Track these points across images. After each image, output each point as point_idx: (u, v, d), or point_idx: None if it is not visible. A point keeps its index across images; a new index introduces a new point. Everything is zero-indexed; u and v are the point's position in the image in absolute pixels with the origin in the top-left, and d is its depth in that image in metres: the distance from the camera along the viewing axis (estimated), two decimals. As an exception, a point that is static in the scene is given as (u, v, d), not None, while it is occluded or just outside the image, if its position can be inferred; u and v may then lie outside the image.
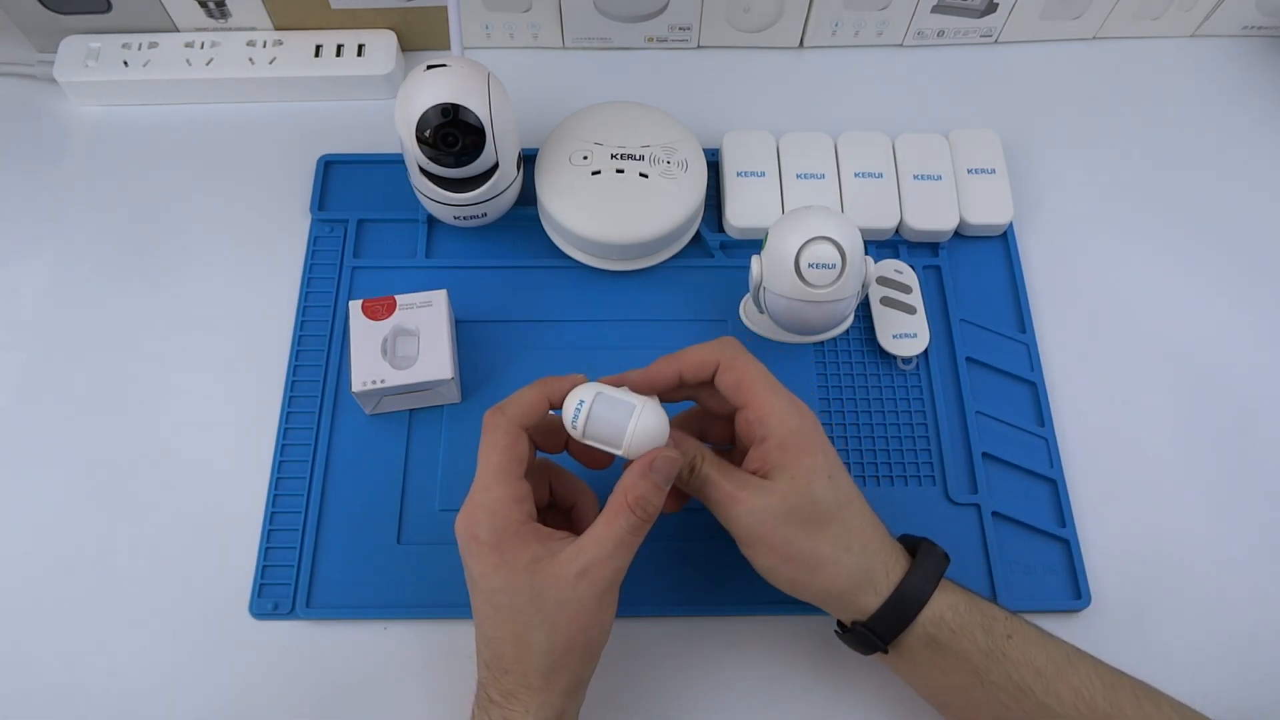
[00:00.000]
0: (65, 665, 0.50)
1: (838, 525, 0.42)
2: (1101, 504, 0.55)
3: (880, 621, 0.43)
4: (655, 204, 0.57)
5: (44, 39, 0.65)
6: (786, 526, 0.42)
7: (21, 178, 0.64)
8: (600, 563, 0.40)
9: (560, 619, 0.40)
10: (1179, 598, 0.53)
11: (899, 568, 0.43)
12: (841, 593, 0.43)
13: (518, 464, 0.42)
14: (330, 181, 0.63)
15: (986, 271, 0.61)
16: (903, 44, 0.70)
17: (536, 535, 0.41)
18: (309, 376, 0.57)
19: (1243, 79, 0.69)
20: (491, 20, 0.67)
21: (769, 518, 0.42)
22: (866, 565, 0.43)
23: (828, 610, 0.45)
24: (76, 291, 0.60)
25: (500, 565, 0.41)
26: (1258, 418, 0.58)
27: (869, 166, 0.61)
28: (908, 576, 0.43)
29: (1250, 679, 0.51)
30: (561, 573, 0.40)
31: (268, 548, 0.53)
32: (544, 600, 0.40)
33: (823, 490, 0.42)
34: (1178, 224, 0.64)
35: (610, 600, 0.41)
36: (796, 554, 0.42)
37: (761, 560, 0.43)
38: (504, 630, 0.41)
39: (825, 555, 0.42)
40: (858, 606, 0.43)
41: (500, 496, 0.41)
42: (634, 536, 0.41)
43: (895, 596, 0.42)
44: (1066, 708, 0.41)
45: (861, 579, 0.43)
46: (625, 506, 0.41)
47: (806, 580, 0.43)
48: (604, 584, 0.40)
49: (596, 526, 0.41)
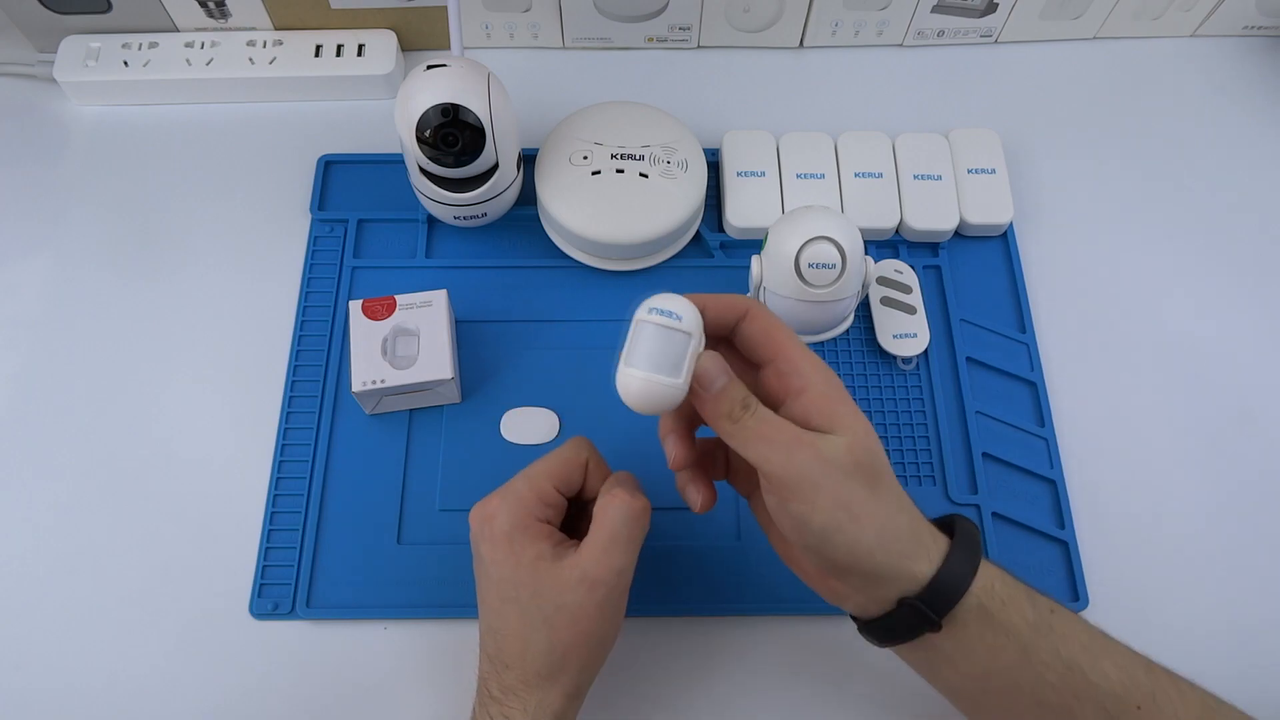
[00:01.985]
0: (65, 665, 0.51)
1: (889, 483, 0.39)
2: (1101, 505, 0.55)
3: (936, 591, 0.38)
4: (655, 204, 0.57)
5: (44, 39, 0.65)
6: (853, 480, 0.38)
7: (21, 178, 0.64)
8: (598, 564, 0.40)
9: (559, 622, 0.40)
10: (1177, 598, 0.53)
11: (941, 537, 0.40)
12: (899, 555, 0.38)
13: (562, 480, 0.43)
14: (330, 181, 0.63)
15: (986, 271, 0.61)
16: (903, 44, 0.70)
17: (548, 535, 0.42)
18: (309, 376, 0.57)
19: (1243, 79, 0.69)
20: (491, 20, 0.67)
21: (836, 469, 0.37)
22: (917, 529, 0.39)
23: (864, 590, 0.40)
24: (76, 291, 0.60)
25: (509, 555, 0.41)
26: (1258, 418, 0.58)
27: (869, 166, 0.61)
28: (955, 543, 0.40)
29: (1250, 679, 0.51)
30: (562, 575, 0.40)
31: (268, 548, 0.53)
32: (544, 600, 0.40)
33: (877, 445, 0.39)
34: (1178, 224, 0.64)
35: (612, 608, 0.41)
36: (862, 512, 0.37)
37: (823, 518, 0.37)
38: (508, 624, 0.41)
39: (885, 513, 0.38)
40: (911, 574, 0.39)
41: (527, 494, 0.42)
42: (629, 529, 0.41)
43: (949, 561, 0.39)
44: (1113, 685, 0.39)
45: (915, 543, 0.39)
46: (616, 506, 0.41)
47: (869, 542, 0.38)
48: (604, 589, 0.40)
49: (590, 531, 0.41)
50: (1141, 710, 0.39)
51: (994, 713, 0.42)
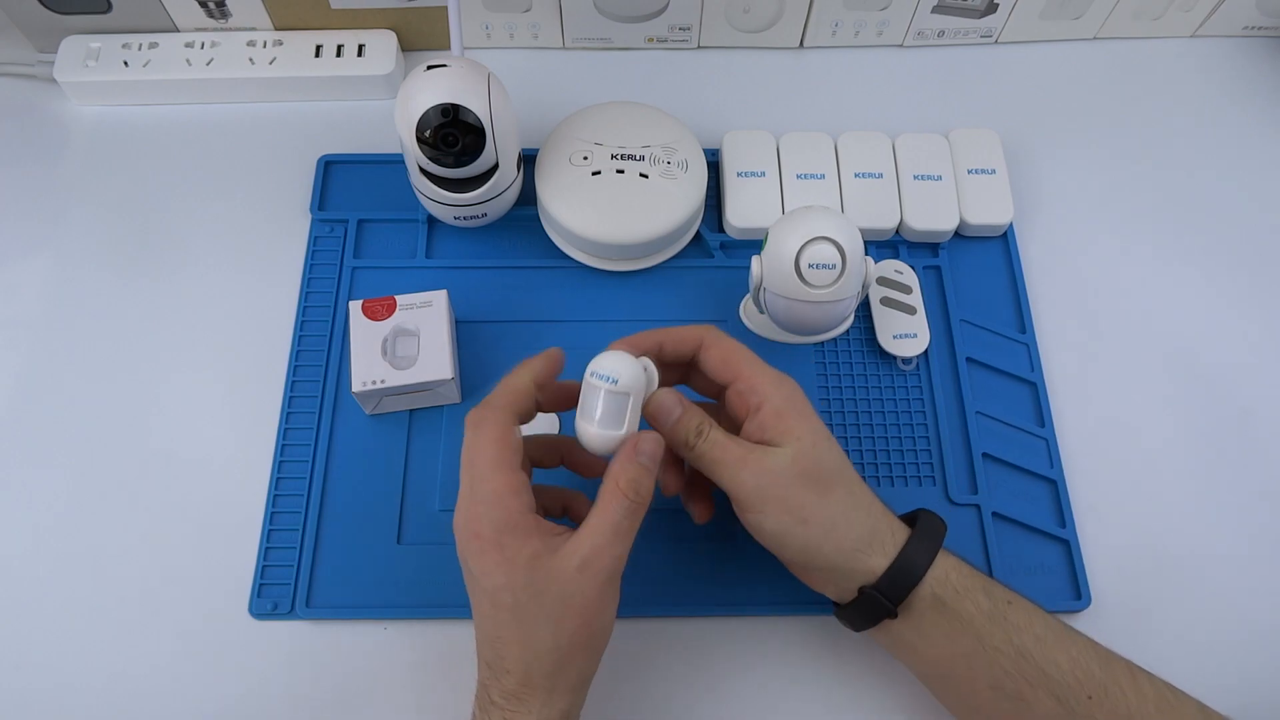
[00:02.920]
0: (64, 664, 0.50)
1: (842, 487, 0.43)
2: (1101, 504, 0.55)
3: (890, 581, 0.43)
4: (655, 204, 0.57)
5: (44, 39, 0.65)
6: (799, 488, 0.42)
7: (21, 178, 0.63)
8: (599, 552, 0.40)
9: (564, 615, 0.40)
10: (1179, 598, 0.53)
11: (902, 530, 0.44)
12: (852, 552, 0.43)
13: (513, 454, 0.42)
14: (330, 181, 0.63)
15: (986, 272, 0.61)
16: (903, 44, 0.70)
17: (538, 529, 0.41)
18: (309, 377, 0.57)
19: (1243, 79, 0.69)
20: (491, 20, 0.67)
21: (782, 479, 0.42)
22: (872, 526, 0.43)
23: (831, 582, 0.45)
24: (76, 291, 0.60)
25: (501, 562, 0.40)
26: (1258, 418, 0.58)
27: (869, 166, 0.61)
28: (912, 537, 0.43)
29: (1250, 678, 0.51)
30: (562, 567, 0.40)
31: (268, 547, 0.53)
32: (546, 596, 0.40)
33: (826, 452, 0.43)
34: (1178, 224, 0.64)
35: (612, 592, 0.41)
36: (810, 516, 0.42)
37: (772, 524, 0.42)
38: (506, 629, 0.41)
39: (836, 516, 0.42)
40: (866, 568, 0.43)
41: (499, 488, 0.41)
42: (630, 521, 0.41)
43: (903, 555, 0.43)
44: (1064, 675, 0.42)
45: (870, 539, 0.43)
46: (618, 492, 0.40)
47: (819, 542, 0.42)
48: (605, 575, 0.40)
49: (592, 517, 0.41)
50: (1093, 700, 0.41)
51: (956, 694, 0.45)
